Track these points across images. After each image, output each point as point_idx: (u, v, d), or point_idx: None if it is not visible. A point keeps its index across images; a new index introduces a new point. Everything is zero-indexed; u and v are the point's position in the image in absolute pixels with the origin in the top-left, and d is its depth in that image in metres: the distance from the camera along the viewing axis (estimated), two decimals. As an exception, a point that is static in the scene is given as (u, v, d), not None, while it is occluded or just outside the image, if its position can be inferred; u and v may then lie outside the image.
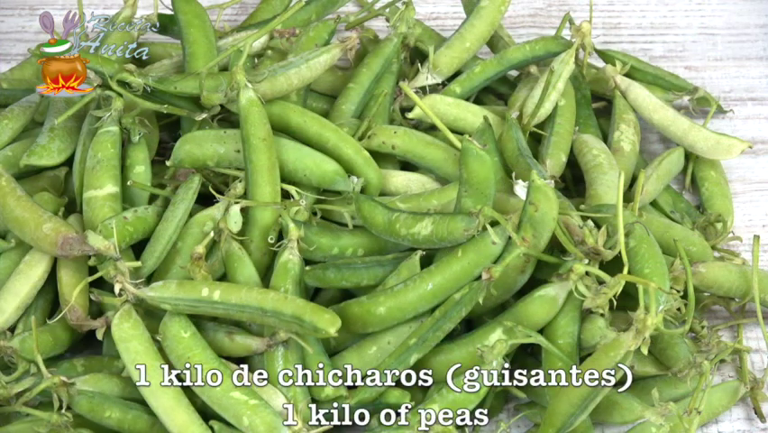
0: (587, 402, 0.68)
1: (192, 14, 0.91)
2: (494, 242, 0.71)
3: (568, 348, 0.73)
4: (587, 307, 0.72)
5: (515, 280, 0.72)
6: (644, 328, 0.67)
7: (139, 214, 0.79)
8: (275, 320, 0.71)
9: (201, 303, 0.73)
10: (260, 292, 0.72)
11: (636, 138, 0.89)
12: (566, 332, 0.73)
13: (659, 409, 0.70)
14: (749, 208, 0.90)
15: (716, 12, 1.04)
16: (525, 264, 0.71)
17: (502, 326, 0.73)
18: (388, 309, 0.73)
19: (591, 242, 0.72)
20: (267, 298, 0.72)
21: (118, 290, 0.74)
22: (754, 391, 0.77)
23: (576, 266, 0.71)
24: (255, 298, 0.72)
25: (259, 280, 0.76)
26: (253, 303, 0.72)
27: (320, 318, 0.70)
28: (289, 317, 0.70)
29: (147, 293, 0.73)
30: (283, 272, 0.74)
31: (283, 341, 0.72)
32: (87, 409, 0.72)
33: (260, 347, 0.73)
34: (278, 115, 0.83)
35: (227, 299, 0.72)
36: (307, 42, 0.90)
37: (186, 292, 0.73)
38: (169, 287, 0.74)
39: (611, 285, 0.70)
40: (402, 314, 0.73)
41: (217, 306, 0.72)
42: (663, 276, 0.74)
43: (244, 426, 0.70)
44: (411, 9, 0.91)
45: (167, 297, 0.73)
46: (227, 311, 0.73)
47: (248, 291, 0.72)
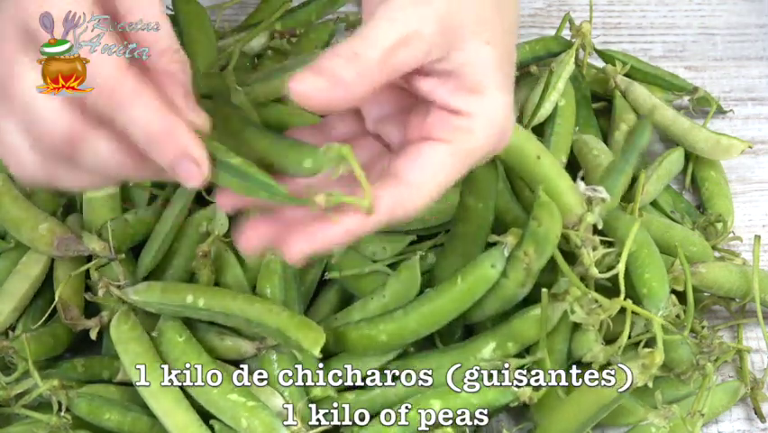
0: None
1: (192, 14, 0.91)
2: (493, 265, 0.71)
3: (557, 365, 0.73)
4: (577, 321, 0.72)
5: (515, 293, 0.72)
6: (652, 365, 0.67)
7: (139, 215, 0.79)
8: (261, 330, 0.71)
9: (186, 308, 0.73)
10: (245, 301, 0.72)
11: (636, 138, 0.89)
12: (556, 350, 0.74)
13: (662, 411, 0.70)
14: (749, 208, 0.90)
15: (716, 12, 1.04)
16: (525, 278, 0.71)
17: (496, 340, 0.73)
18: (390, 335, 0.73)
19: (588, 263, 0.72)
20: (252, 307, 0.71)
21: (101, 292, 0.74)
22: (754, 391, 0.77)
23: (572, 290, 0.71)
24: (240, 307, 0.72)
25: (245, 282, 0.76)
26: (238, 312, 0.71)
27: (305, 336, 0.69)
28: (274, 331, 0.70)
29: (131, 296, 0.73)
30: (267, 274, 0.74)
31: (275, 345, 0.72)
32: (87, 411, 0.72)
33: (250, 351, 0.73)
34: (277, 117, 0.82)
35: (211, 306, 0.72)
36: (307, 43, 0.90)
37: (170, 298, 0.73)
38: (153, 291, 0.73)
39: (606, 308, 0.70)
40: (402, 339, 0.73)
41: (201, 312, 0.72)
42: (663, 281, 0.74)
43: (243, 428, 0.70)
44: (411, 9, 0.91)
45: (151, 301, 0.73)
46: (212, 317, 0.73)
47: (233, 299, 0.72)
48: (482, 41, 0.56)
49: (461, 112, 0.56)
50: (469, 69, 0.56)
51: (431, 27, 0.54)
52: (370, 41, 0.54)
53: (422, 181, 0.55)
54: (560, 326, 0.74)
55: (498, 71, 0.57)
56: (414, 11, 0.55)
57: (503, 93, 0.57)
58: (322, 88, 0.52)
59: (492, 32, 0.57)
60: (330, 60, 0.53)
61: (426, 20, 0.54)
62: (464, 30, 0.56)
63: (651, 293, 0.74)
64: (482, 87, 0.56)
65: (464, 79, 0.56)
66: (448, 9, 0.55)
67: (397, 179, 0.55)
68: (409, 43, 0.54)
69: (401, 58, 0.54)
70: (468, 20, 0.56)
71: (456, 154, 0.56)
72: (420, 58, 0.55)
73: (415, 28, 0.54)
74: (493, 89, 0.57)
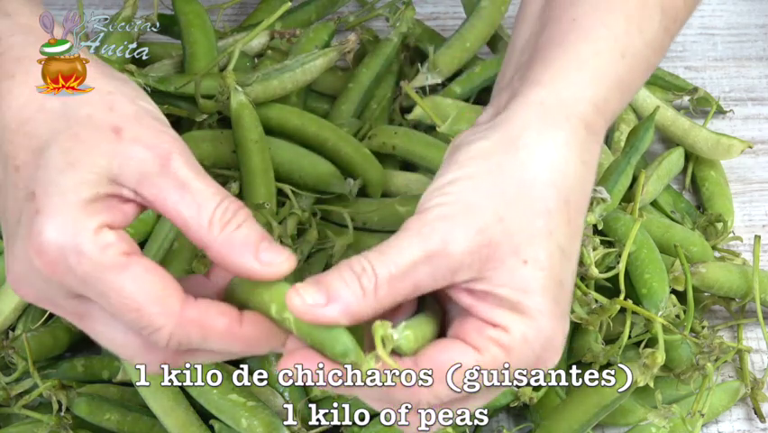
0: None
1: (192, 14, 0.90)
2: None
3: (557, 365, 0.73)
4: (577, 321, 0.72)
5: None
6: (654, 365, 0.67)
7: (140, 216, 0.79)
8: None
9: None
10: None
11: (636, 138, 0.89)
12: None
13: (662, 411, 0.70)
14: (749, 208, 0.90)
15: (716, 12, 1.04)
16: None
17: None
18: None
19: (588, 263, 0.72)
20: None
21: None
22: (754, 391, 0.77)
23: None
24: None
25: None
26: None
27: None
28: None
29: None
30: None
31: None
32: (87, 411, 0.72)
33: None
34: (276, 118, 0.83)
35: None
36: (307, 44, 0.90)
37: None
38: None
39: (606, 308, 0.70)
40: None
41: None
42: (663, 281, 0.74)
43: (243, 428, 0.70)
44: (411, 9, 0.91)
45: None
46: None
47: None
48: (520, 260, 0.52)
49: (499, 325, 0.52)
50: (505, 291, 0.51)
51: (461, 245, 0.51)
52: (386, 258, 0.50)
53: (435, 378, 0.53)
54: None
55: (542, 294, 0.52)
56: (444, 225, 0.51)
57: (549, 319, 0.52)
58: (318, 305, 0.50)
59: (534, 251, 0.52)
60: (333, 275, 0.51)
61: (458, 237, 0.51)
62: (501, 248, 0.51)
63: (651, 293, 0.74)
64: (521, 307, 0.52)
65: (502, 299, 0.52)
66: (486, 223, 0.51)
67: (411, 363, 0.53)
68: (431, 263, 0.51)
69: (419, 278, 0.51)
70: (506, 237, 0.52)
71: (483, 364, 0.52)
72: (445, 278, 0.51)
73: (440, 246, 0.51)
74: (535, 312, 0.52)
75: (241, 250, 0.52)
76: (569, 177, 0.54)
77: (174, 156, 0.52)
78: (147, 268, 0.51)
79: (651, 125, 0.80)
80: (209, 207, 0.52)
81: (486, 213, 0.51)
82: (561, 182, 0.54)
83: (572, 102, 0.56)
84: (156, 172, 0.52)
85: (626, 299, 0.70)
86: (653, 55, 0.61)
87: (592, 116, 0.56)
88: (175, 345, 0.52)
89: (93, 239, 0.50)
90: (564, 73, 0.56)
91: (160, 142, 0.53)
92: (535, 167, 0.53)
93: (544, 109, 0.55)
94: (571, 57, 0.57)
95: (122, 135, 0.52)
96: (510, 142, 0.54)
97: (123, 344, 0.54)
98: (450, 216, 0.51)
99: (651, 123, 0.80)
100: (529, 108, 0.55)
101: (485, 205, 0.52)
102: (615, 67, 0.58)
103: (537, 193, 0.53)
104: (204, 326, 0.52)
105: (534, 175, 0.53)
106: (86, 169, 0.51)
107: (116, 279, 0.50)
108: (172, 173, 0.52)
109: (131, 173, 0.52)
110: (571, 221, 0.54)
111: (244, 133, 0.78)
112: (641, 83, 0.62)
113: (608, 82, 0.57)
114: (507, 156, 0.54)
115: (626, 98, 0.61)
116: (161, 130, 0.54)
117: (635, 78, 0.60)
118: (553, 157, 0.54)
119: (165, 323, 0.51)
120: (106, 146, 0.51)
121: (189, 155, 0.53)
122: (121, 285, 0.50)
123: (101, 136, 0.52)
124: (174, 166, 0.52)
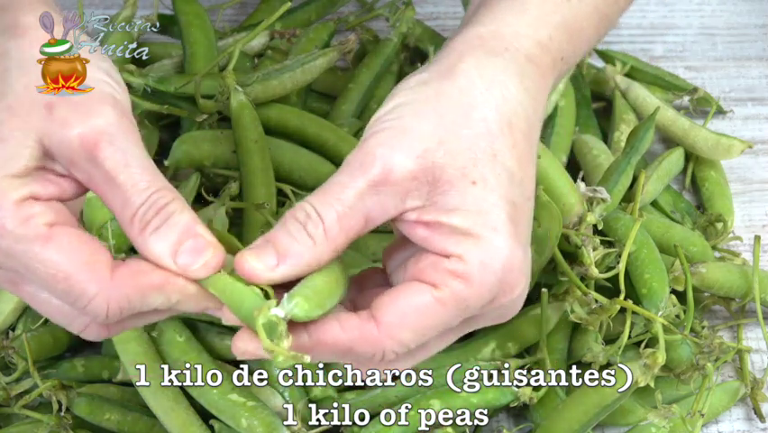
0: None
1: (192, 14, 0.91)
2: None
3: (557, 365, 0.73)
4: (577, 321, 0.72)
5: None
6: (654, 365, 0.67)
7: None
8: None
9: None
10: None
11: (636, 138, 0.89)
12: (556, 350, 0.74)
13: (662, 411, 0.70)
14: (749, 208, 0.90)
15: (716, 12, 1.04)
16: None
17: (496, 340, 0.73)
18: None
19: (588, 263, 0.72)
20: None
21: None
22: (754, 391, 0.77)
23: (572, 290, 0.71)
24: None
25: None
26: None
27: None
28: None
29: None
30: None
31: None
32: (87, 411, 0.72)
33: None
34: (276, 118, 0.83)
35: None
36: (307, 44, 0.90)
37: None
38: None
39: (606, 308, 0.70)
40: None
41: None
42: (663, 281, 0.74)
43: (243, 428, 0.70)
44: (411, 9, 0.91)
45: None
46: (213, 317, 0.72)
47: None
48: (468, 181, 0.51)
49: (453, 255, 0.50)
50: (458, 218, 0.51)
51: (404, 169, 0.50)
52: (330, 197, 0.50)
53: (392, 322, 0.50)
54: (560, 326, 0.74)
55: (496, 213, 0.51)
56: (384, 151, 0.51)
57: (505, 238, 0.51)
58: (269, 267, 0.50)
59: (480, 172, 0.51)
60: (280, 231, 0.50)
61: (399, 161, 0.50)
62: (446, 170, 0.51)
63: (651, 293, 0.74)
64: (475, 231, 0.50)
65: (455, 228, 0.51)
66: (427, 145, 0.51)
67: (367, 315, 0.51)
68: (378, 191, 0.50)
69: (369, 209, 0.50)
70: (450, 158, 0.51)
71: (443, 300, 0.50)
72: (396, 207, 0.51)
73: (383, 174, 0.50)
74: (490, 233, 0.51)
75: (159, 252, 0.51)
76: (509, 100, 0.54)
77: (102, 145, 0.51)
78: (73, 237, 0.50)
79: (651, 126, 0.80)
80: (134, 204, 0.51)
81: (425, 136, 0.51)
82: (502, 105, 0.53)
83: (511, 36, 0.56)
84: (84, 158, 0.51)
85: (626, 299, 0.70)
86: (605, 4, 0.62)
87: (534, 50, 0.56)
88: (116, 314, 0.51)
89: (13, 212, 0.49)
90: (505, 14, 0.57)
91: (90, 127, 0.51)
92: (474, 91, 0.53)
93: (482, 42, 0.55)
94: (515, 3, 0.58)
95: (53, 114, 0.51)
96: (448, 70, 0.54)
97: (59, 308, 0.53)
98: (389, 142, 0.51)
99: (651, 123, 0.80)
100: (467, 42, 0.55)
101: (424, 128, 0.52)
102: (560, 10, 0.59)
103: (477, 115, 0.52)
104: (139, 283, 0.50)
105: (473, 98, 0.53)
106: (17, 142, 0.50)
107: (40, 250, 0.49)
108: (99, 163, 0.51)
109: (61, 155, 0.51)
110: (517, 144, 0.53)
111: (244, 132, 0.78)
112: (594, 31, 0.62)
113: (552, 23, 0.58)
114: (445, 82, 0.53)
115: (577, 42, 0.60)
116: (94, 108, 0.52)
117: (583, 23, 0.60)
118: (492, 80, 0.54)
119: (97, 289, 0.50)
120: (38, 123, 0.51)
121: (122, 138, 0.51)
122: (46, 256, 0.49)
123: (34, 111, 0.51)
124: (102, 156, 0.51)
